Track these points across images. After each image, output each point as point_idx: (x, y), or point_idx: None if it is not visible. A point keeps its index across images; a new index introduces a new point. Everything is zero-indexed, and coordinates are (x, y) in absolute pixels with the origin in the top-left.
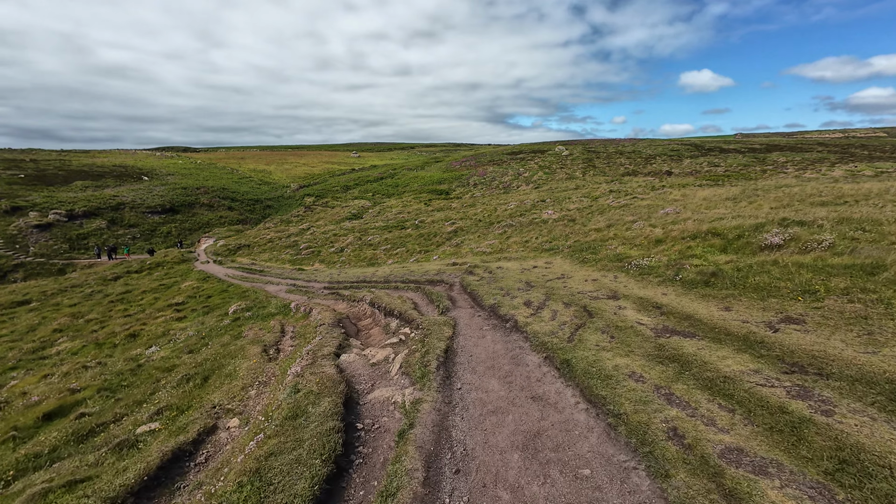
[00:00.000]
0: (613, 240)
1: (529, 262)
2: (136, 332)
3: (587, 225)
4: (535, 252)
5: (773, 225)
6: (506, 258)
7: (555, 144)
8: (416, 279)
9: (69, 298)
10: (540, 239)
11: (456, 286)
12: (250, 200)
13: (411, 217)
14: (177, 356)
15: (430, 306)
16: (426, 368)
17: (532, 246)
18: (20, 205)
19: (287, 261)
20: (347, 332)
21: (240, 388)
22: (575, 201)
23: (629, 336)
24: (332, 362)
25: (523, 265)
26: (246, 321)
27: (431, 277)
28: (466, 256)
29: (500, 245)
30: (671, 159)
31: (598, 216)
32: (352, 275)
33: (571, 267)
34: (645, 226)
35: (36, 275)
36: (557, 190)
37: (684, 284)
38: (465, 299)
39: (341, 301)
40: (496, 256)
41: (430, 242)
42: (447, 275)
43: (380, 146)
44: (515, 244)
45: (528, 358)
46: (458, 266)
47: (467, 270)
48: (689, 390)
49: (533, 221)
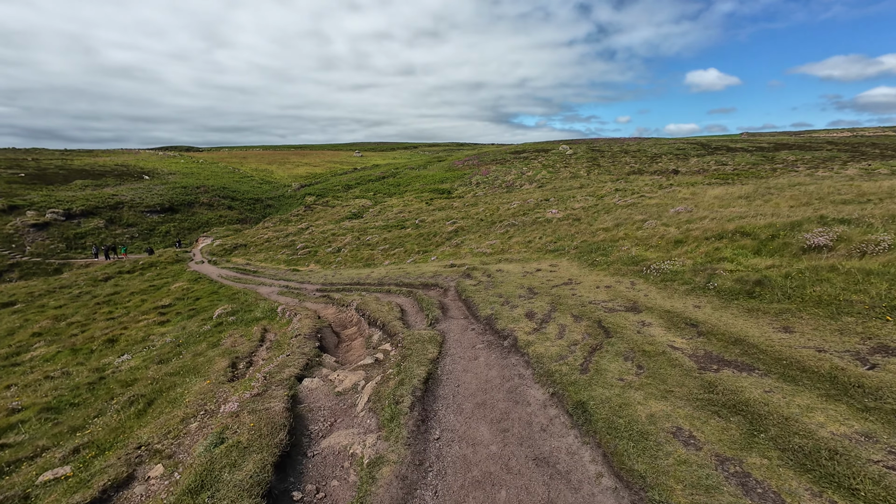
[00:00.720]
0: (625, 240)
1: (532, 264)
2: (115, 337)
3: (593, 224)
4: (539, 253)
5: (813, 223)
6: (507, 260)
7: (559, 143)
8: (409, 282)
9: (56, 300)
10: (544, 239)
11: (450, 291)
12: (250, 200)
13: (412, 216)
14: (146, 367)
15: (419, 315)
16: (398, 406)
17: (535, 246)
18: (18, 204)
19: (283, 261)
20: (324, 345)
21: (179, 419)
22: (580, 200)
23: (662, 366)
24: (287, 392)
25: (525, 268)
26: (228, 326)
27: (426, 280)
28: (465, 257)
29: (502, 245)
30: (677, 158)
31: (604, 215)
32: (346, 276)
33: (579, 270)
34: (657, 225)
35: (31, 275)
36: (561, 189)
37: (720, 295)
38: (458, 307)
39: (331, 305)
40: (497, 258)
41: (430, 242)
42: (443, 277)
43: (383, 146)
44: (518, 244)
45: (530, 392)
46: (455, 268)
47: (464, 273)
48: (776, 470)
49: (536, 221)
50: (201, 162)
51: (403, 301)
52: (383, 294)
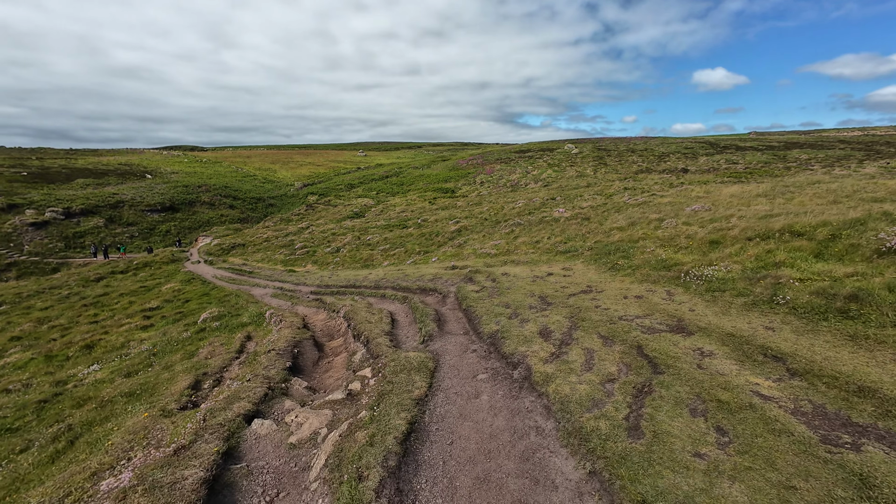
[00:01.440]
0: (645, 240)
1: (542, 267)
2: (93, 343)
3: (604, 224)
4: (549, 255)
5: (881, 222)
6: (513, 262)
7: (564, 143)
8: (407, 285)
9: (43, 301)
10: (553, 239)
11: (450, 298)
12: (252, 199)
13: (414, 216)
14: (111, 380)
15: (412, 327)
16: (360, 486)
17: (544, 247)
18: (17, 202)
19: (280, 261)
20: (300, 363)
21: (89, 474)
22: (587, 199)
23: (759, 432)
24: (220, 446)
25: (535, 271)
26: (211, 333)
27: (425, 284)
28: (468, 259)
29: (507, 246)
30: (686, 157)
31: (615, 214)
32: (342, 278)
33: (599, 276)
34: (677, 224)
35: (28, 274)
36: (568, 188)
37: (798, 312)
38: (458, 319)
39: (321, 310)
40: (502, 259)
41: (432, 243)
42: (443, 281)
43: (387, 145)
44: (524, 245)
45: (555, 463)
46: (457, 270)
47: (467, 276)
48: None
49: (543, 220)
50: (205, 161)
51: (397, 309)
52: (377, 299)
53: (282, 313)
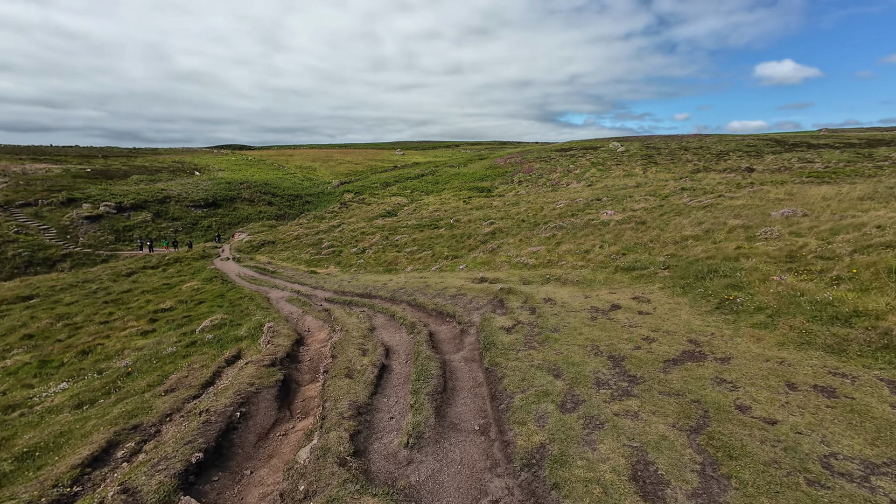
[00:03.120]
0: (748, 258)
1: (601, 291)
2: (90, 349)
3: (666, 230)
4: (605, 271)
5: None
6: (557, 279)
7: (609, 141)
8: (423, 302)
9: (71, 295)
10: (607, 249)
11: (470, 334)
12: (290, 196)
13: (447, 216)
14: (59, 410)
15: (403, 387)
16: None
17: (597, 260)
18: (76, 197)
19: (304, 261)
20: (228, 445)
21: None
22: (639, 200)
23: None
24: None
25: (591, 298)
26: (200, 348)
27: (444, 304)
28: (501, 269)
29: (548, 255)
30: (748, 155)
31: (678, 218)
32: (361, 284)
33: (701, 320)
34: (780, 233)
35: (81, 264)
36: (614, 188)
37: None
38: (475, 384)
39: (326, 326)
40: (543, 274)
41: (462, 246)
42: (466, 301)
43: (424, 144)
44: (570, 255)
45: None
46: (486, 285)
47: (496, 298)
48: None
49: (589, 223)
50: (250, 160)
51: (399, 343)
52: (386, 318)
53: (279, 328)
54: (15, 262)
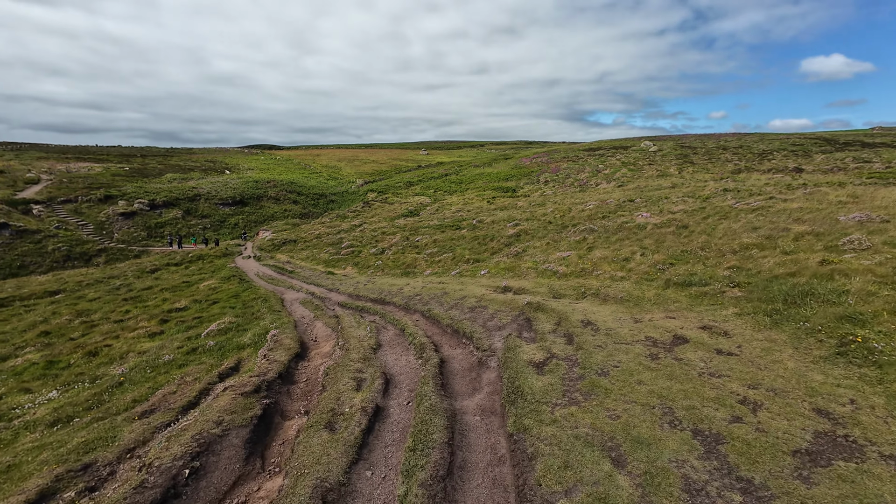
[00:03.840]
0: (847, 277)
1: (655, 314)
2: (98, 350)
3: (713, 235)
4: (653, 286)
5: None
6: (596, 294)
7: (640, 140)
8: (438, 314)
9: (95, 291)
10: (650, 257)
11: (491, 366)
12: (315, 195)
13: (469, 216)
14: (34, 427)
15: (396, 450)
16: None
17: (639, 270)
18: (113, 194)
19: (323, 261)
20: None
21: None
22: (676, 202)
23: None
24: None
25: (642, 323)
26: (200, 356)
27: (461, 319)
28: (527, 276)
29: (580, 262)
30: (795, 155)
31: (725, 222)
32: (376, 287)
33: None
34: (872, 242)
35: (115, 260)
36: (648, 188)
37: None
38: (493, 454)
39: (333, 335)
40: (576, 286)
41: (485, 248)
42: (487, 316)
43: (449, 144)
44: (606, 263)
45: None
46: (510, 296)
47: (523, 315)
48: None
49: (623, 226)
50: (278, 159)
51: (404, 369)
52: (396, 331)
53: (283, 338)
54: (54, 255)
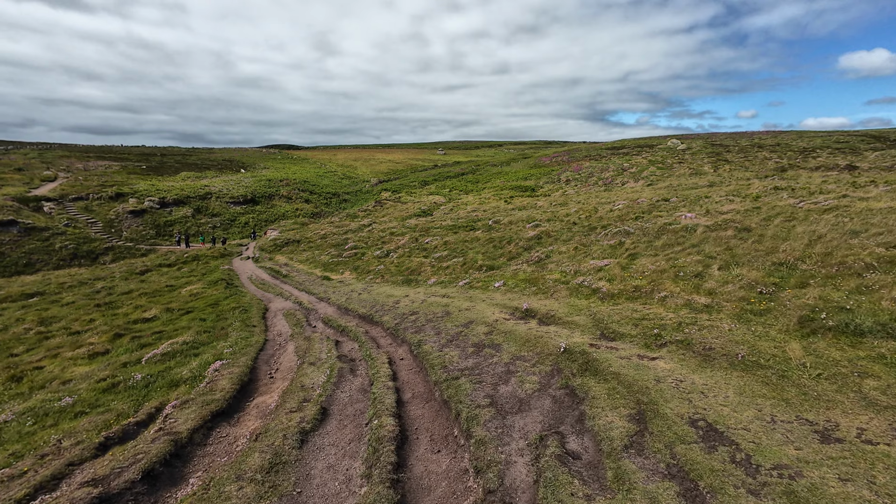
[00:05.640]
0: None
1: (854, 418)
2: (23, 374)
3: (794, 240)
4: (776, 327)
5: None
6: (682, 342)
7: (667, 138)
8: (429, 356)
9: (73, 295)
10: (733, 271)
11: None
12: (328, 194)
13: (485, 216)
14: None
15: None
16: None
17: (730, 294)
18: (124, 192)
19: (322, 264)
20: None
21: None
22: (720, 201)
23: None
24: None
25: (838, 445)
26: (119, 395)
27: (459, 369)
28: (555, 293)
29: (625, 274)
30: (841, 152)
31: (799, 224)
32: (370, 299)
33: None
34: None
35: (122, 258)
36: (682, 187)
37: None
38: None
39: (301, 367)
40: (634, 318)
41: (501, 253)
42: (500, 366)
43: (467, 144)
44: (665, 277)
45: None
46: (533, 324)
47: (557, 375)
48: None
49: (666, 228)
50: (294, 158)
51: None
52: (362, 384)
53: (222, 377)
54: (61, 253)
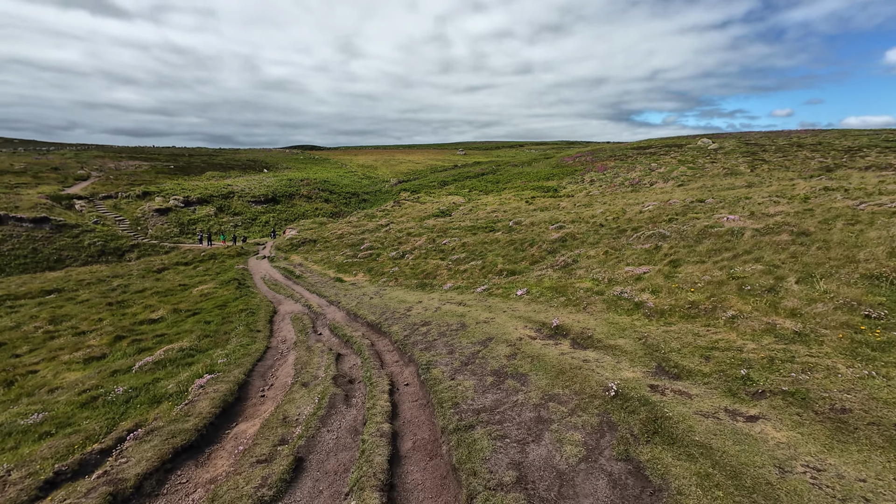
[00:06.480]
0: None
1: None
2: (19, 378)
3: (865, 246)
4: None
5: None
6: (790, 395)
7: (697, 138)
8: (438, 384)
9: (89, 292)
10: (819, 285)
11: None
12: (347, 193)
13: (506, 217)
14: None
15: None
16: None
17: (831, 321)
18: (151, 191)
19: (336, 265)
20: None
21: None
22: (764, 203)
23: None
24: None
25: None
26: (95, 413)
27: (475, 404)
28: (589, 307)
29: (670, 284)
30: (893, 151)
31: (868, 229)
32: (381, 304)
33: None
34: None
35: (146, 255)
36: (718, 188)
37: None
38: None
39: (290, 382)
40: (698, 345)
41: (522, 256)
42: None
43: (487, 144)
44: (729, 291)
45: None
46: (565, 347)
47: (609, 434)
48: None
49: (708, 232)
50: (316, 158)
51: None
52: (357, 416)
53: (204, 397)
54: (90, 250)
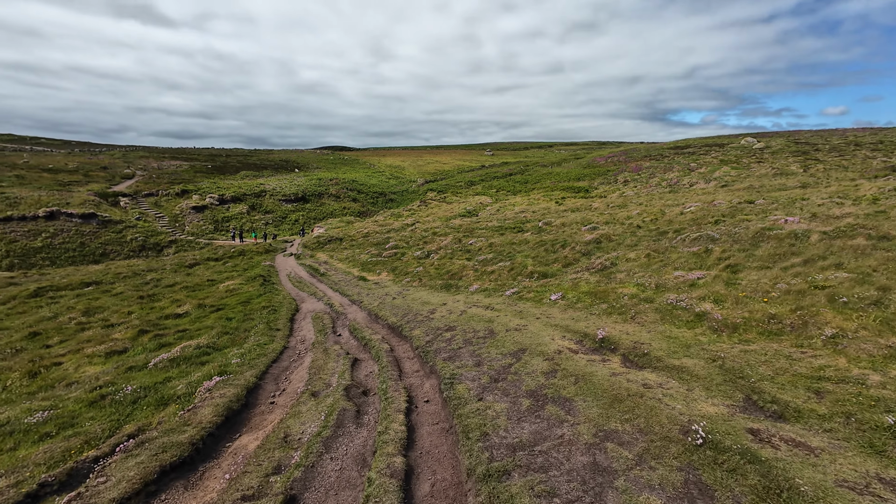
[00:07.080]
0: None
1: None
2: (43, 369)
3: None
4: None
5: None
6: None
7: (740, 137)
8: (464, 405)
9: (124, 285)
10: None
11: None
12: (375, 193)
13: (535, 217)
14: None
15: None
16: None
17: None
18: (188, 189)
19: (360, 263)
20: None
21: None
22: (826, 204)
23: None
24: None
25: None
26: (103, 411)
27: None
28: (637, 315)
29: (735, 292)
30: None
31: None
32: (405, 304)
33: None
34: None
35: (183, 250)
36: (767, 189)
37: None
38: None
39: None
40: (796, 373)
41: (555, 258)
42: (577, 447)
43: (515, 145)
44: (822, 305)
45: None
46: (615, 365)
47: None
48: None
49: (765, 234)
50: (345, 159)
51: None
52: (366, 441)
53: (208, 404)
54: (132, 245)
